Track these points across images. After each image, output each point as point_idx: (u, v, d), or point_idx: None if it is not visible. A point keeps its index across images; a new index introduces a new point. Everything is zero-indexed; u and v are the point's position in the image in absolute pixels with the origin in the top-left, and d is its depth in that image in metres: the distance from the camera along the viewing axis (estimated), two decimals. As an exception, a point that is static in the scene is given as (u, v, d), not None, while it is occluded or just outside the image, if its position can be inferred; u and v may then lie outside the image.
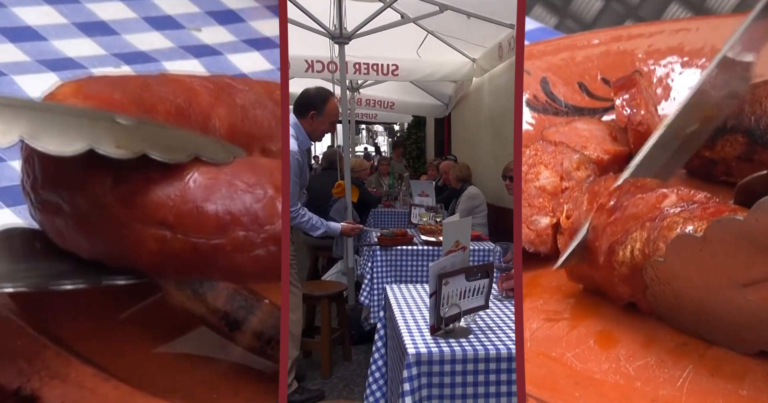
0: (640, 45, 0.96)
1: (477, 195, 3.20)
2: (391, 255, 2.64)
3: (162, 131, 0.66)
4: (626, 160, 0.83)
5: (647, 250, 0.59)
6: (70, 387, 0.66)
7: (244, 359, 0.77)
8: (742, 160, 0.72)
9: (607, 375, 0.59)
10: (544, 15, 1.43)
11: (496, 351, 1.21)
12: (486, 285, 1.35)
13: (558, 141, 0.83)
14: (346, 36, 3.01)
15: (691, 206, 0.60)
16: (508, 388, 1.22)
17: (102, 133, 0.59)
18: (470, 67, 4.23)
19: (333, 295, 2.50)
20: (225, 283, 0.77)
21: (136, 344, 0.76)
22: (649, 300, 0.59)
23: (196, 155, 0.62)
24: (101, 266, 0.64)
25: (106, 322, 0.78)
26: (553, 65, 0.97)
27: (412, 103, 5.82)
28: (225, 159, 0.64)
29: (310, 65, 3.82)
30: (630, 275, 0.61)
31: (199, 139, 0.68)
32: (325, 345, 2.40)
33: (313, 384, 2.27)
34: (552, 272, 0.69)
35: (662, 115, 0.88)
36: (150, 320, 0.78)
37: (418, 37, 3.93)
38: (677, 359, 0.59)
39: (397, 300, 1.59)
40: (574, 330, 0.64)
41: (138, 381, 0.69)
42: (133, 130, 0.62)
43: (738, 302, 0.54)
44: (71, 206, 0.62)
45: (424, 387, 1.21)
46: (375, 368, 1.57)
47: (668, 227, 0.59)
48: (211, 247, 0.60)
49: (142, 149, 0.60)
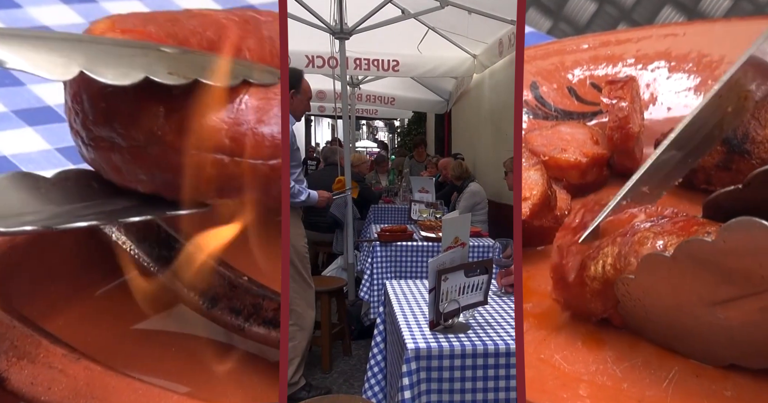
0: (629, 50, 0.98)
1: (479, 192, 3.20)
2: (391, 251, 2.64)
3: (206, 58, 0.66)
4: (605, 164, 0.84)
5: (619, 265, 0.61)
6: (40, 368, 0.66)
7: (227, 338, 0.77)
8: (720, 169, 0.74)
9: (595, 376, 0.60)
10: (538, 18, 1.43)
11: (494, 347, 1.22)
12: (485, 281, 1.35)
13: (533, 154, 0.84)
14: (347, 31, 3.01)
15: (661, 221, 0.61)
16: (506, 383, 1.23)
17: (154, 61, 0.60)
18: (471, 63, 4.22)
19: (333, 290, 2.51)
20: (203, 259, 0.76)
21: (111, 322, 0.76)
22: (621, 314, 0.61)
23: (244, 79, 0.63)
24: (161, 200, 0.64)
25: (80, 299, 0.77)
26: (543, 70, 0.99)
27: (412, 98, 5.81)
28: (273, 80, 0.65)
29: (311, 60, 3.81)
30: (602, 290, 0.62)
31: (244, 63, 0.68)
32: (325, 340, 2.41)
33: (313, 379, 2.29)
34: (541, 274, 0.70)
35: (648, 120, 0.90)
36: (126, 298, 0.77)
37: (419, 33, 3.92)
38: (663, 361, 0.61)
39: (396, 296, 1.60)
40: (562, 332, 0.65)
41: (114, 360, 0.68)
42: (180, 57, 0.62)
43: (708, 319, 0.55)
44: (126, 140, 0.63)
45: (422, 382, 1.22)
46: (374, 362, 1.58)
47: (639, 242, 0.60)
48: (269, 168, 0.61)
49: (193, 75, 0.60)
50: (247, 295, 0.78)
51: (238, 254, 0.80)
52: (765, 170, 0.61)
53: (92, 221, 0.61)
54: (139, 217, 0.63)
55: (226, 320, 0.78)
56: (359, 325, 2.90)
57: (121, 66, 0.59)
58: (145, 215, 0.64)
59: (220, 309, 0.78)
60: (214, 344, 0.82)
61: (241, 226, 0.72)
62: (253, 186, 0.62)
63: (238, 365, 0.81)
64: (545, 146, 0.86)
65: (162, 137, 0.62)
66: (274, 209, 0.69)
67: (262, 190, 0.62)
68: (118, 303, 0.81)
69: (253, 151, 0.62)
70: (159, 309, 0.80)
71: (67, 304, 0.79)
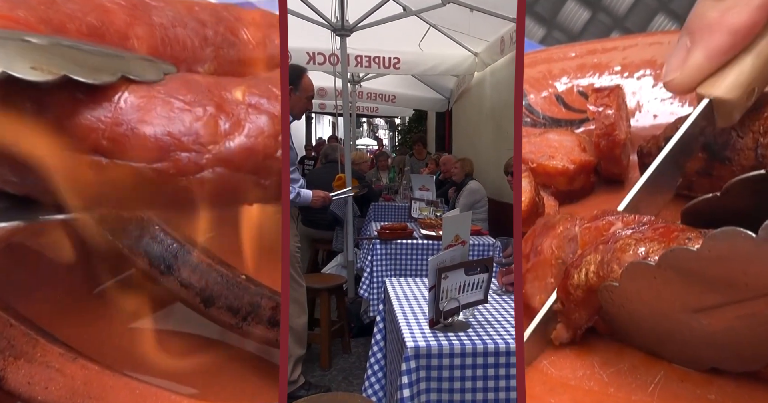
0: (615, 58, 0.97)
1: (478, 190, 3.20)
2: (391, 249, 2.64)
3: (80, 50, 0.58)
4: (592, 171, 0.84)
5: (602, 272, 0.60)
6: (37, 367, 0.64)
7: (222, 336, 0.75)
8: (701, 176, 0.73)
9: (582, 381, 0.60)
10: (532, 26, 1.43)
11: (494, 345, 1.21)
12: (485, 280, 1.35)
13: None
14: (348, 28, 3.00)
15: (642, 227, 0.61)
16: (506, 382, 1.23)
17: (13, 53, 0.53)
18: (472, 61, 4.22)
19: (332, 288, 2.51)
20: (200, 258, 0.74)
21: (107, 321, 0.74)
22: (605, 320, 0.61)
23: (122, 74, 0.55)
24: (38, 203, 0.58)
25: (76, 299, 0.75)
26: (531, 78, 0.98)
27: (413, 96, 5.81)
28: (155, 77, 0.57)
29: (312, 57, 3.81)
30: (586, 298, 0.62)
31: (123, 56, 0.62)
32: (325, 337, 2.41)
33: (312, 376, 2.29)
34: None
35: (634, 127, 0.89)
36: (123, 296, 0.75)
37: (420, 31, 3.92)
38: (649, 366, 0.61)
39: (396, 294, 1.59)
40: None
41: (110, 359, 0.67)
42: (49, 49, 0.55)
43: (691, 325, 0.55)
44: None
45: (422, 380, 1.21)
46: (374, 360, 1.57)
47: (621, 249, 0.60)
48: (153, 171, 0.55)
49: (60, 70, 0.52)
50: (244, 294, 0.77)
51: (237, 255, 0.79)
52: (742, 179, 0.61)
53: None
54: (7, 221, 0.57)
55: (224, 318, 0.77)
56: (359, 322, 2.91)
57: None
58: (14, 219, 0.57)
59: (218, 308, 0.76)
60: (212, 343, 0.81)
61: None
62: (136, 191, 0.56)
63: (235, 364, 0.79)
64: (533, 153, 0.86)
65: (31, 136, 0.54)
66: (165, 216, 0.65)
67: (147, 195, 0.56)
68: (115, 302, 0.80)
69: (135, 153, 0.54)
70: (156, 308, 0.79)
71: (65, 303, 0.78)
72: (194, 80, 0.60)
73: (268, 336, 0.77)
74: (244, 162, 0.57)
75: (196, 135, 0.55)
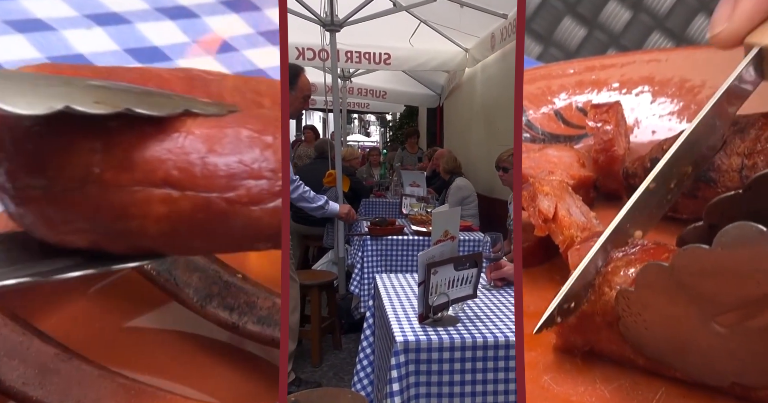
0: (614, 74, 0.98)
1: (465, 186, 3.20)
2: (382, 245, 2.64)
3: (144, 90, 0.59)
4: (592, 186, 0.85)
5: (593, 296, 0.60)
6: (31, 367, 0.64)
7: (219, 335, 0.75)
8: (687, 197, 0.73)
9: (583, 397, 0.60)
10: (529, 43, 1.44)
11: (483, 339, 1.22)
12: (474, 275, 1.35)
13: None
14: (338, 23, 2.99)
15: (633, 249, 0.62)
16: (494, 375, 1.23)
17: (77, 91, 0.53)
18: (463, 57, 4.22)
19: (323, 284, 2.51)
20: (196, 257, 0.73)
21: (103, 321, 0.74)
22: (621, 331, 0.61)
23: (186, 109, 0.55)
24: (105, 256, 0.56)
25: (71, 298, 0.75)
26: (530, 94, 0.99)
27: (404, 92, 5.81)
28: (219, 112, 0.57)
29: (301, 53, 3.79)
30: (578, 324, 0.62)
31: (186, 97, 0.62)
32: (315, 334, 2.41)
33: (303, 372, 2.29)
34: (528, 294, 0.70)
35: (633, 143, 0.90)
36: (118, 295, 0.75)
37: (411, 26, 3.92)
38: (651, 382, 0.61)
39: (386, 289, 1.60)
40: (551, 354, 0.65)
41: (106, 359, 0.67)
42: (112, 87, 0.56)
43: (709, 335, 0.55)
44: (60, 182, 0.54)
45: (411, 374, 1.22)
46: (363, 355, 1.58)
47: (612, 272, 0.60)
48: (225, 201, 0.54)
49: (123, 105, 0.52)
50: (241, 293, 0.76)
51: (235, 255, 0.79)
52: (765, 174, 0.60)
53: (23, 279, 0.55)
54: (82, 271, 0.55)
55: (221, 318, 0.77)
56: (350, 319, 2.91)
57: (38, 95, 0.52)
58: (89, 268, 0.56)
59: (214, 307, 0.76)
60: (208, 341, 0.80)
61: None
62: (209, 224, 0.56)
63: (233, 364, 0.79)
64: (533, 168, 0.87)
65: (100, 175, 0.53)
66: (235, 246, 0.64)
67: (220, 227, 0.55)
68: (111, 301, 0.79)
69: (205, 183, 0.54)
70: (152, 307, 0.78)
71: (60, 302, 0.77)
72: (261, 113, 0.60)
73: (265, 335, 0.77)
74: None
75: (268, 162, 0.54)
